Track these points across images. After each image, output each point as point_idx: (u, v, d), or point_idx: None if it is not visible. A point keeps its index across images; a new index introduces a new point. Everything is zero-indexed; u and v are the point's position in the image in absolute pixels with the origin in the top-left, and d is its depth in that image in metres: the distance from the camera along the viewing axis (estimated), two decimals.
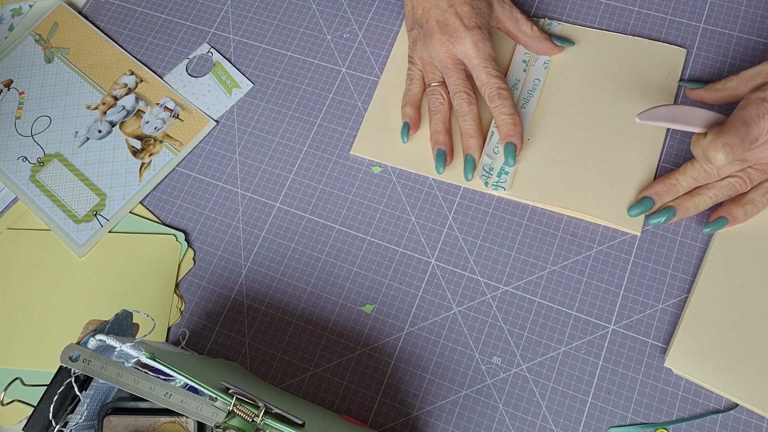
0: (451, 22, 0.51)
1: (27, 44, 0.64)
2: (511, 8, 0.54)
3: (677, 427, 0.44)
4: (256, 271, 0.52)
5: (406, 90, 0.55)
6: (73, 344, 0.34)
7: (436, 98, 0.53)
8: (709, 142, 0.42)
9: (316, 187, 0.54)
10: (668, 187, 0.47)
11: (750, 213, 0.46)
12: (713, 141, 0.41)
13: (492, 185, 0.51)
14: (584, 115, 0.52)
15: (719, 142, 0.41)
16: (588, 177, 0.50)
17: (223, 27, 0.62)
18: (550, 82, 0.54)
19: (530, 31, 0.54)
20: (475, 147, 0.51)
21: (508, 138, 0.50)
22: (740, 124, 0.41)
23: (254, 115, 0.58)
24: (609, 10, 0.57)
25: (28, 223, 0.57)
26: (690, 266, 0.48)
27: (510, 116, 0.50)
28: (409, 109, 0.54)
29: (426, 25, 0.52)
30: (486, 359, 0.47)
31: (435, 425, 0.46)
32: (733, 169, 0.45)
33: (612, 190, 0.50)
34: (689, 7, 0.56)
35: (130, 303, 0.52)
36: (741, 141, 0.41)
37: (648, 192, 0.47)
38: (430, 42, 0.52)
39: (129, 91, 0.60)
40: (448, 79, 0.52)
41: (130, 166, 0.57)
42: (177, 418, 0.36)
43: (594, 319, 0.47)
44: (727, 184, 0.46)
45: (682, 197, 0.47)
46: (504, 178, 0.51)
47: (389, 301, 0.50)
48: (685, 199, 0.47)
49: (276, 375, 0.49)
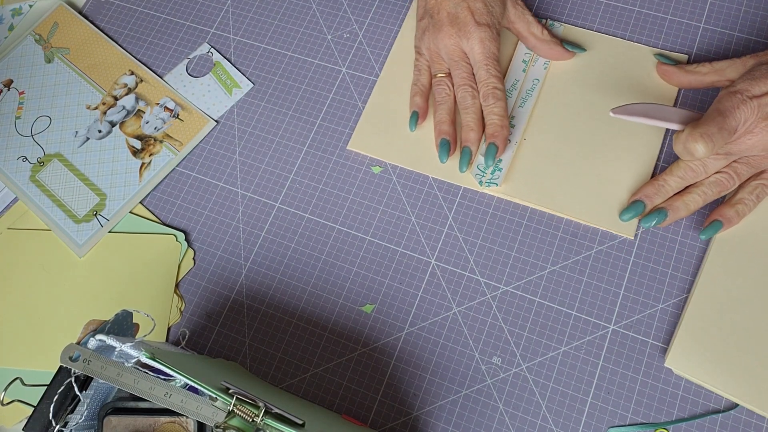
0: (462, 16, 0.51)
1: (27, 44, 0.64)
2: (524, 10, 0.54)
3: (677, 427, 0.44)
4: (256, 271, 0.52)
5: (414, 80, 0.55)
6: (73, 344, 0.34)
7: (442, 89, 0.53)
8: (688, 135, 0.42)
9: (316, 186, 0.54)
10: (657, 188, 0.47)
11: (742, 213, 0.47)
12: (691, 133, 0.42)
13: (485, 183, 0.51)
14: (581, 118, 0.52)
15: (697, 133, 0.42)
16: (582, 180, 0.50)
17: (223, 27, 0.62)
18: (549, 84, 0.54)
19: (541, 34, 0.54)
20: (474, 140, 0.51)
21: (492, 138, 0.50)
22: (716, 115, 0.42)
23: (254, 115, 0.58)
24: (609, 10, 0.57)
25: (28, 223, 0.57)
26: (690, 266, 0.48)
27: (499, 118, 0.51)
28: (418, 99, 0.54)
29: (437, 17, 0.52)
30: (486, 359, 0.47)
31: (435, 425, 0.46)
32: (719, 165, 0.46)
33: (606, 193, 0.50)
34: (689, 7, 0.56)
35: (130, 303, 0.52)
36: (719, 130, 0.42)
37: (638, 195, 0.48)
38: (438, 33, 0.52)
39: (129, 91, 0.60)
40: (454, 71, 0.53)
41: (130, 166, 0.57)
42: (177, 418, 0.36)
43: (594, 319, 0.47)
44: (715, 180, 0.46)
45: (672, 198, 0.47)
46: (497, 175, 0.51)
47: (389, 301, 0.50)
48: (675, 199, 0.47)
49: (276, 375, 0.49)
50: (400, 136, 0.54)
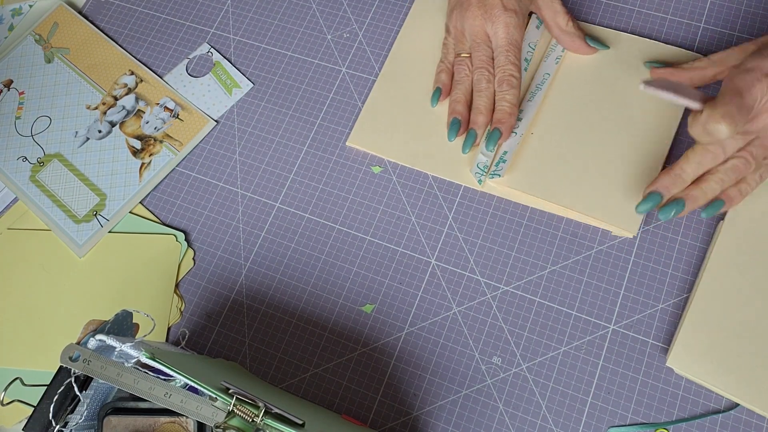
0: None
1: (27, 44, 0.64)
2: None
3: (677, 427, 0.44)
4: (256, 271, 0.52)
5: (441, 57, 0.55)
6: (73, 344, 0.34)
7: (461, 69, 0.53)
8: (708, 116, 0.41)
9: (316, 186, 0.54)
10: (674, 178, 0.45)
11: (744, 192, 0.45)
12: (711, 114, 0.41)
13: (489, 174, 0.51)
14: (590, 114, 0.52)
15: (717, 114, 0.41)
16: (587, 175, 0.50)
17: (223, 27, 0.62)
18: (560, 79, 0.54)
19: (565, 25, 0.53)
20: (481, 124, 0.51)
21: (497, 123, 0.50)
22: (733, 94, 0.41)
23: (254, 115, 0.58)
24: (609, 9, 0.57)
25: (28, 223, 0.57)
26: (690, 266, 0.48)
27: (509, 105, 0.51)
28: (443, 76, 0.54)
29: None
30: (486, 359, 0.47)
31: (435, 425, 0.46)
32: (736, 145, 0.44)
33: (610, 191, 0.49)
34: (689, 7, 0.56)
35: (130, 303, 0.52)
36: (738, 110, 0.41)
37: (654, 186, 0.46)
38: (465, 13, 0.52)
39: (129, 91, 0.60)
40: (474, 53, 0.53)
41: (130, 166, 0.57)
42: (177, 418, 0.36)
43: (594, 319, 0.47)
44: (732, 166, 0.45)
45: (689, 187, 0.46)
46: (501, 167, 0.51)
47: (389, 301, 0.50)
48: (692, 188, 0.45)
49: (276, 375, 0.49)
50: (400, 134, 0.54)
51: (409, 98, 0.56)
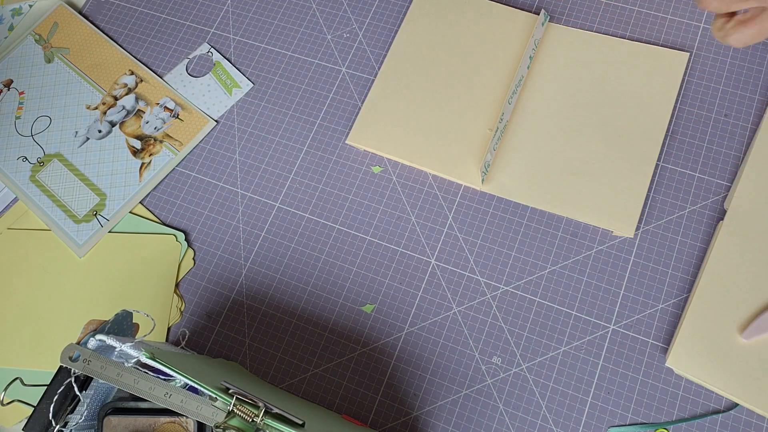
0: None
1: (27, 44, 0.64)
2: None
3: (677, 427, 0.44)
4: (256, 271, 0.52)
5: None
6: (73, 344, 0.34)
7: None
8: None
9: (316, 187, 0.54)
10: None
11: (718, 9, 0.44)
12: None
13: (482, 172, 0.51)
14: (581, 118, 0.52)
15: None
16: (580, 180, 0.50)
17: (223, 27, 0.62)
18: (546, 79, 0.54)
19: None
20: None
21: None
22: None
23: (254, 115, 0.58)
24: (609, 9, 0.57)
25: (28, 223, 0.57)
26: (690, 266, 0.48)
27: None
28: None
29: None
30: (486, 359, 0.47)
31: (435, 425, 0.46)
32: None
33: (603, 193, 0.50)
34: (689, 7, 0.56)
35: (130, 303, 0.52)
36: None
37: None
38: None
39: (129, 91, 0.60)
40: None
41: (130, 166, 0.57)
42: (177, 418, 0.36)
43: (594, 319, 0.47)
44: None
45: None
46: None
47: (389, 301, 0.50)
48: None
49: (276, 375, 0.49)
50: (399, 131, 0.54)
51: (408, 96, 0.56)
